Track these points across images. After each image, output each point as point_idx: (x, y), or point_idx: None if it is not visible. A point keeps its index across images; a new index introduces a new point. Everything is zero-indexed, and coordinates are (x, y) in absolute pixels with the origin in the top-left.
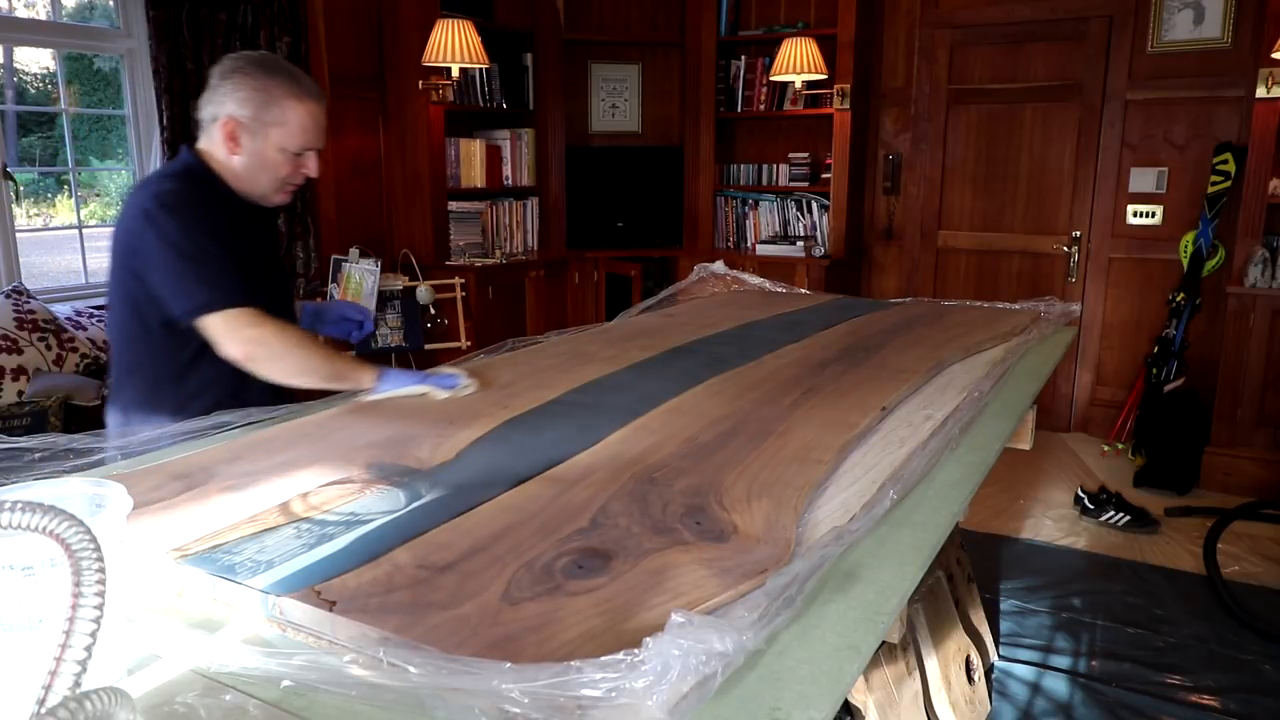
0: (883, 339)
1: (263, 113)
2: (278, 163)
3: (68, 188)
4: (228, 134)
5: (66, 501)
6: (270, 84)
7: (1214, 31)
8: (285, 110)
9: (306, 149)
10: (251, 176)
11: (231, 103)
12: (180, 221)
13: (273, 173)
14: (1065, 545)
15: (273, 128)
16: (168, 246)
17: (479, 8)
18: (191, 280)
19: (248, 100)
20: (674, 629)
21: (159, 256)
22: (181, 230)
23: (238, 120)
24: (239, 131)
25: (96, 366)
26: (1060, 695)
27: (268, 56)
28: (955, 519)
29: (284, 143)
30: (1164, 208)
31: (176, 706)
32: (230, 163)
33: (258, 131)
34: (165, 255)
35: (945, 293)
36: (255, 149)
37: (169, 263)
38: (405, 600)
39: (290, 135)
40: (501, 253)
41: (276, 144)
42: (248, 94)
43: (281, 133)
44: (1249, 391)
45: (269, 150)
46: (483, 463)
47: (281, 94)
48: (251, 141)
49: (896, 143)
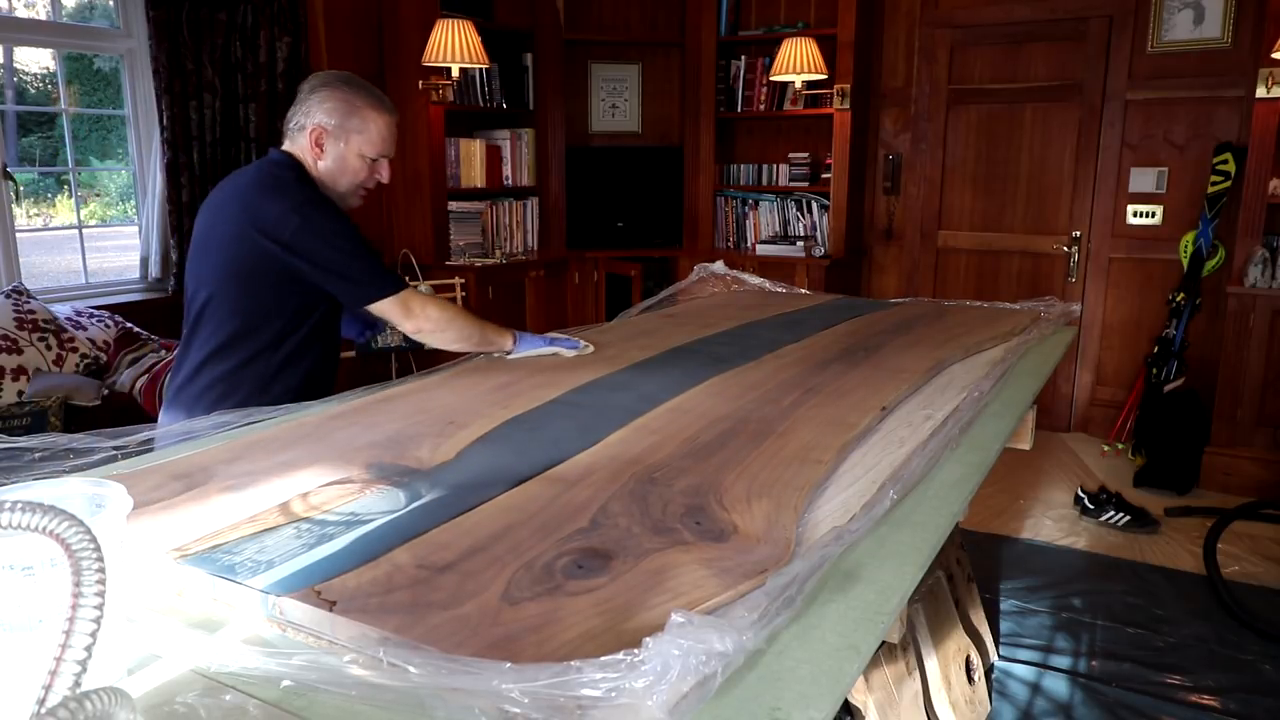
0: (883, 339)
1: (346, 121)
2: (356, 168)
3: (68, 188)
4: (314, 140)
5: (66, 501)
6: (353, 96)
7: (1214, 31)
8: (366, 120)
9: (382, 155)
10: (333, 179)
11: (320, 112)
12: (335, 225)
13: (352, 177)
14: (1065, 545)
15: (354, 134)
16: (334, 249)
17: (479, 8)
18: (363, 272)
19: (334, 110)
20: (674, 629)
21: (327, 258)
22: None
23: (324, 128)
24: (324, 138)
25: (96, 366)
26: (1060, 695)
27: (351, 75)
28: (955, 519)
29: (363, 149)
30: (1164, 208)
31: (176, 706)
32: (315, 167)
33: (340, 137)
34: (333, 257)
35: (945, 293)
36: (338, 154)
37: (338, 263)
38: (405, 600)
39: (369, 142)
40: (501, 253)
41: (356, 149)
42: (334, 105)
43: (361, 139)
44: (1249, 391)
45: (350, 155)
46: (483, 463)
47: (363, 105)
48: (334, 147)
49: (896, 143)
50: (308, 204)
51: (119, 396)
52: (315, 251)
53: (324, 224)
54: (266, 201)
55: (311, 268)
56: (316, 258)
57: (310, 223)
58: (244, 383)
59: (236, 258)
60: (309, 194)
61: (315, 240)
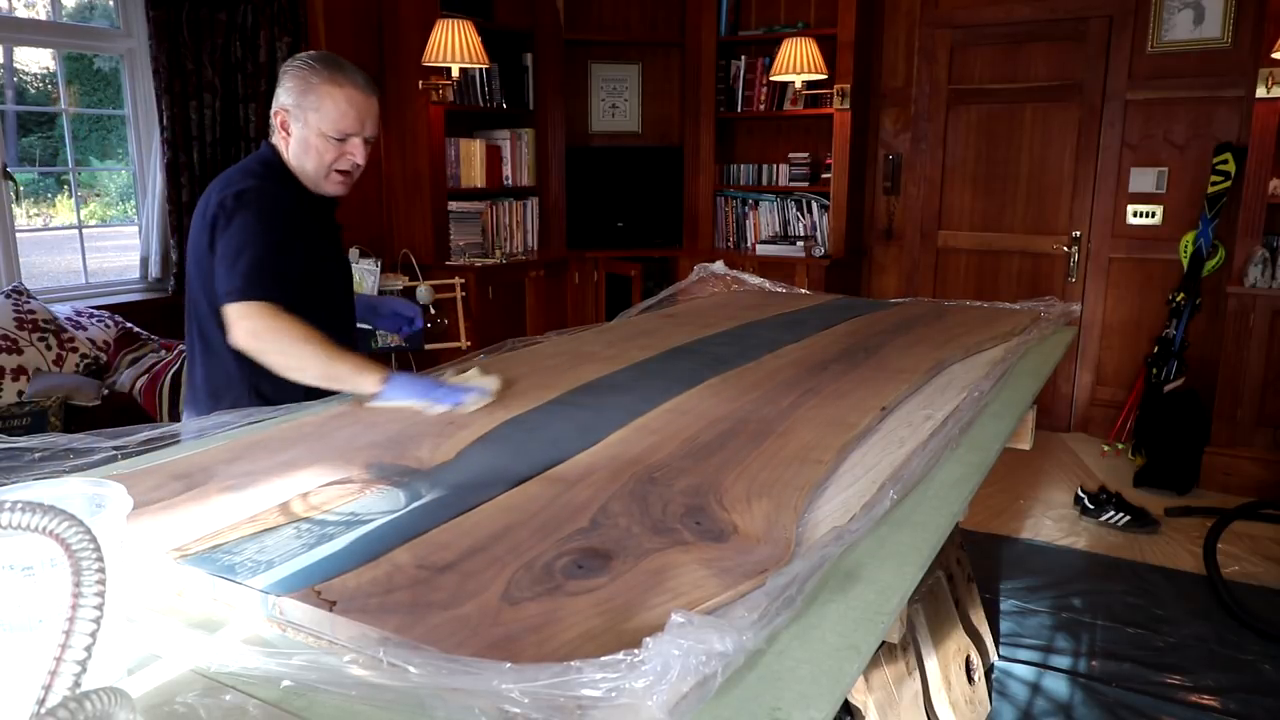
0: (883, 339)
1: (302, 99)
2: (320, 148)
3: (68, 188)
4: (280, 123)
5: (66, 501)
6: (310, 74)
7: (1214, 31)
8: (321, 97)
9: (346, 134)
10: (300, 162)
11: (282, 94)
12: (240, 219)
13: (316, 158)
14: (1065, 545)
15: (310, 113)
16: (227, 240)
17: (479, 8)
18: (226, 270)
19: (292, 90)
20: (674, 629)
21: (221, 247)
22: (238, 226)
23: (285, 109)
24: (288, 120)
25: (96, 366)
26: (1060, 695)
27: (320, 53)
28: (955, 519)
29: (322, 127)
30: (1164, 208)
31: (176, 706)
32: (287, 154)
33: (299, 118)
34: (220, 247)
35: (945, 293)
36: (300, 135)
37: (222, 253)
38: (405, 600)
39: (327, 120)
40: (501, 253)
41: (315, 129)
42: (292, 84)
43: (318, 117)
44: (1249, 391)
45: (310, 135)
46: (483, 463)
47: (319, 82)
48: (296, 128)
49: (896, 143)
50: (245, 192)
51: (119, 396)
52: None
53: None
54: (218, 189)
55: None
56: (215, 246)
57: (233, 210)
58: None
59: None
60: (254, 183)
61: (225, 228)
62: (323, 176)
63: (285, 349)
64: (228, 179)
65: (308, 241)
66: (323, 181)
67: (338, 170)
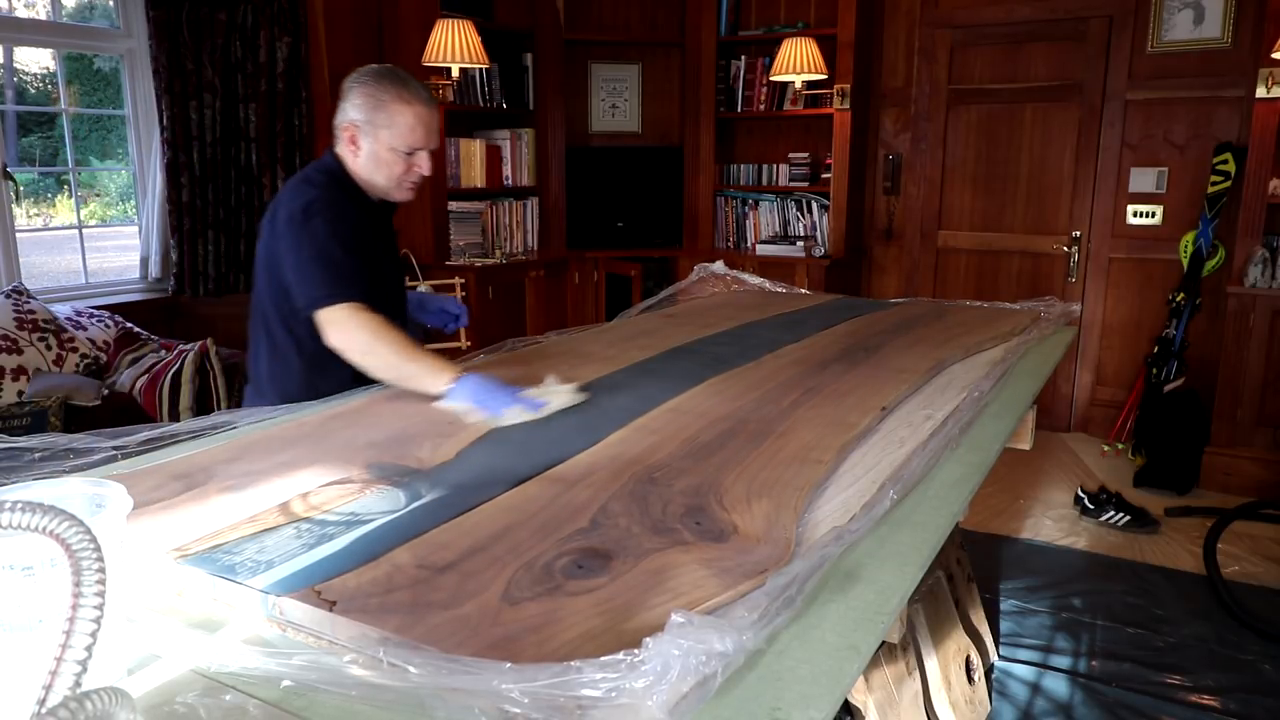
0: (883, 339)
1: (373, 116)
2: (390, 162)
3: (68, 188)
4: (348, 138)
5: (66, 501)
6: (380, 91)
7: (1214, 31)
8: (392, 114)
9: (415, 148)
10: (370, 175)
11: (351, 110)
12: (313, 229)
13: (387, 171)
14: (1065, 545)
15: (382, 130)
16: (299, 250)
17: (479, 8)
18: (311, 279)
19: (362, 106)
20: (674, 629)
21: (293, 257)
22: (313, 236)
23: (355, 124)
24: (357, 135)
25: (96, 366)
26: (1060, 695)
27: (386, 68)
28: (955, 519)
29: (393, 142)
30: (1164, 208)
31: (176, 706)
32: (354, 165)
33: (370, 134)
34: (297, 257)
35: (945, 293)
36: (370, 150)
37: (299, 263)
38: (405, 600)
39: (398, 136)
40: (501, 253)
41: (386, 144)
42: (362, 101)
43: (389, 134)
44: (1249, 391)
45: (381, 150)
46: (483, 463)
47: (389, 99)
48: (366, 143)
49: (896, 143)
50: (314, 203)
51: (119, 396)
52: (288, 248)
53: (303, 225)
54: (287, 200)
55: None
56: (287, 254)
57: (303, 222)
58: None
59: (269, 252)
60: (322, 194)
61: (293, 238)
62: (393, 187)
63: (375, 349)
64: (294, 189)
65: (370, 246)
66: (393, 191)
67: (408, 181)
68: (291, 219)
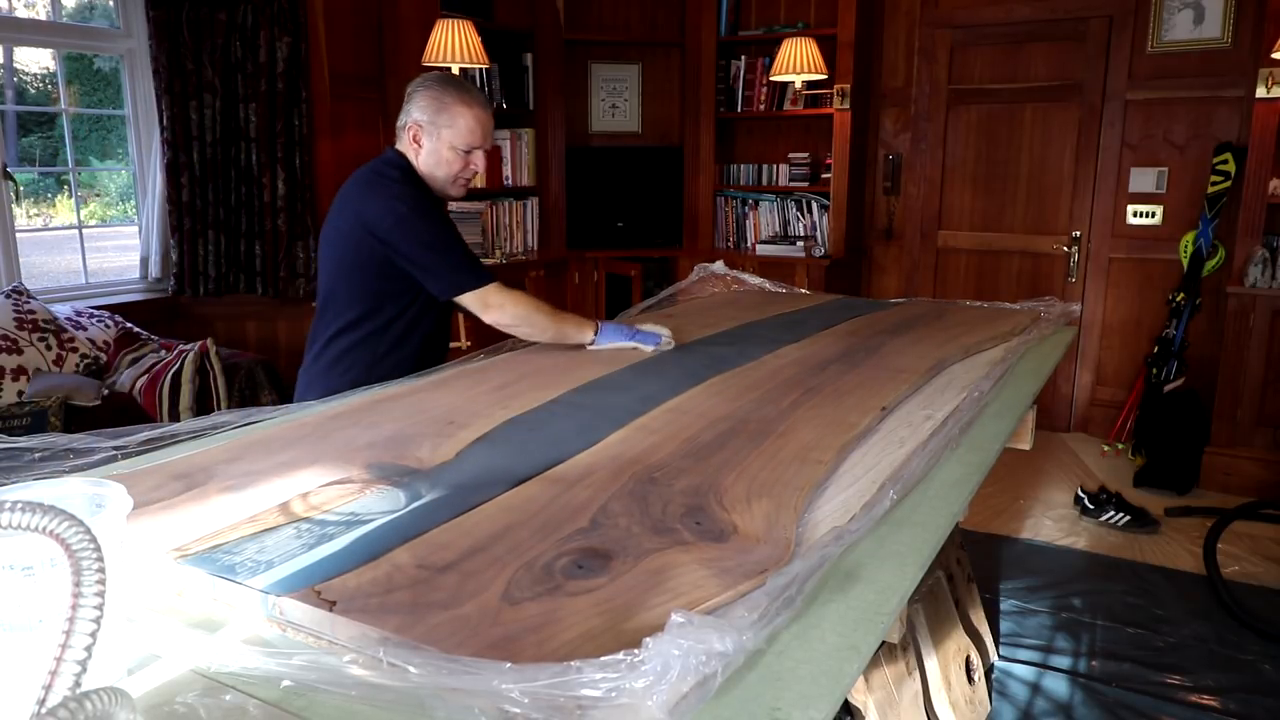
0: (883, 339)
1: (436, 117)
2: (450, 160)
3: (68, 188)
4: (412, 136)
5: (66, 501)
6: (443, 94)
7: (1214, 31)
8: (454, 115)
9: (473, 148)
10: (431, 172)
11: (415, 110)
12: (426, 221)
13: (447, 168)
14: (1065, 545)
15: (444, 129)
16: (422, 245)
17: (479, 8)
18: (447, 268)
19: (426, 108)
20: (674, 629)
21: (416, 253)
22: (429, 229)
23: (419, 124)
24: (420, 134)
25: (96, 366)
26: (1060, 695)
27: (447, 74)
28: (955, 519)
29: (454, 141)
30: (1164, 208)
31: (176, 706)
32: (417, 163)
33: (433, 133)
34: (421, 252)
35: (945, 293)
36: (432, 148)
37: (425, 257)
38: (405, 600)
39: (458, 135)
40: (501, 253)
41: (448, 143)
42: (427, 103)
43: (451, 133)
44: (1249, 391)
45: (442, 149)
46: (483, 463)
47: (451, 101)
48: (429, 142)
49: (896, 143)
50: (405, 199)
51: (119, 396)
52: (408, 244)
53: (417, 219)
54: (370, 198)
55: (405, 260)
56: (409, 250)
57: (406, 218)
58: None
59: (348, 250)
60: (408, 190)
61: (409, 234)
62: (450, 183)
63: (525, 320)
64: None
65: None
66: (449, 187)
67: (463, 178)
68: (396, 216)
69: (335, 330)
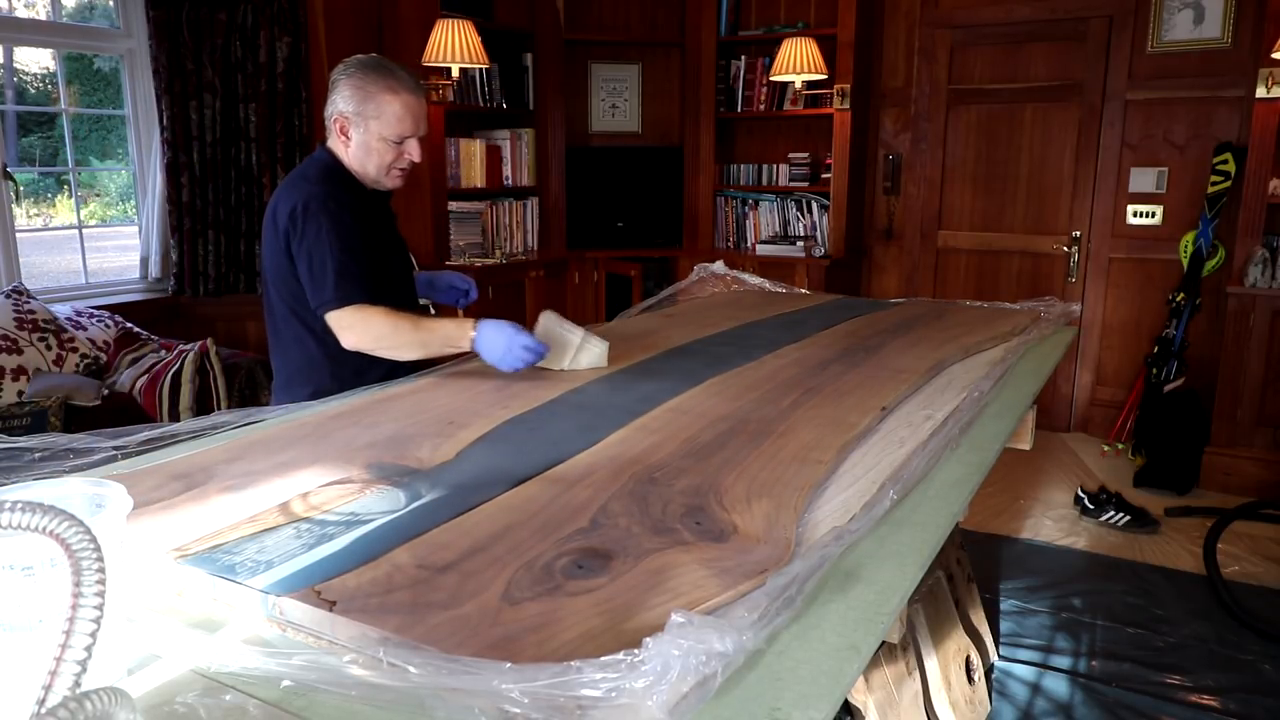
0: (883, 339)
1: (362, 107)
2: (381, 150)
3: (68, 188)
4: (339, 129)
5: (66, 501)
6: (367, 82)
7: (1214, 31)
8: (381, 104)
9: (404, 137)
10: (361, 165)
11: (340, 101)
12: (317, 226)
13: (378, 159)
14: (1065, 545)
15: (371, 120)
16: (306, 251)
17: (479, 8)
18: (319, 280)
19: (351, 98)
20: (674, 629)
21: (303, 258)
22: (316, 235)
23: (345, 116)
24: (347, 126)
25: (96, 366)
26: (1060, 695)
27: (372, 57)
28: (955, 519)
29: (383, 132)
30: (1164, 208)
31: (176, 706)
32: (346, 156)
33: (360, 124)
34: (305, 258)
35: (945, 293)
36: (360, 140)
37: (308, 264)
38: (405, 600)
39: (387, 125)
40: (501, 253)
41: (376, 134)
42: (351, 92)
43: (379, 124)
44: (1249, 391)
45: (371, 140)
46: (483, 463)
47: (377, 90)
48: (357, 134)
49: (896, 143)
50: (312, 201)
51: (119, 396)
52: (297, 249)
53: (312, 224)
54: (285, 198)
55: (295, 263)
56: (297, 255)
57: (304, 221)
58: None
59: (274, 251)
60: (319, 190)
61: (301, 239)
62: (383, 175)
63: (386, 340)
64: (291, 186)
65: (372, 235)
66: (383, 179)
67: (397, 168)
68: (292, 217)
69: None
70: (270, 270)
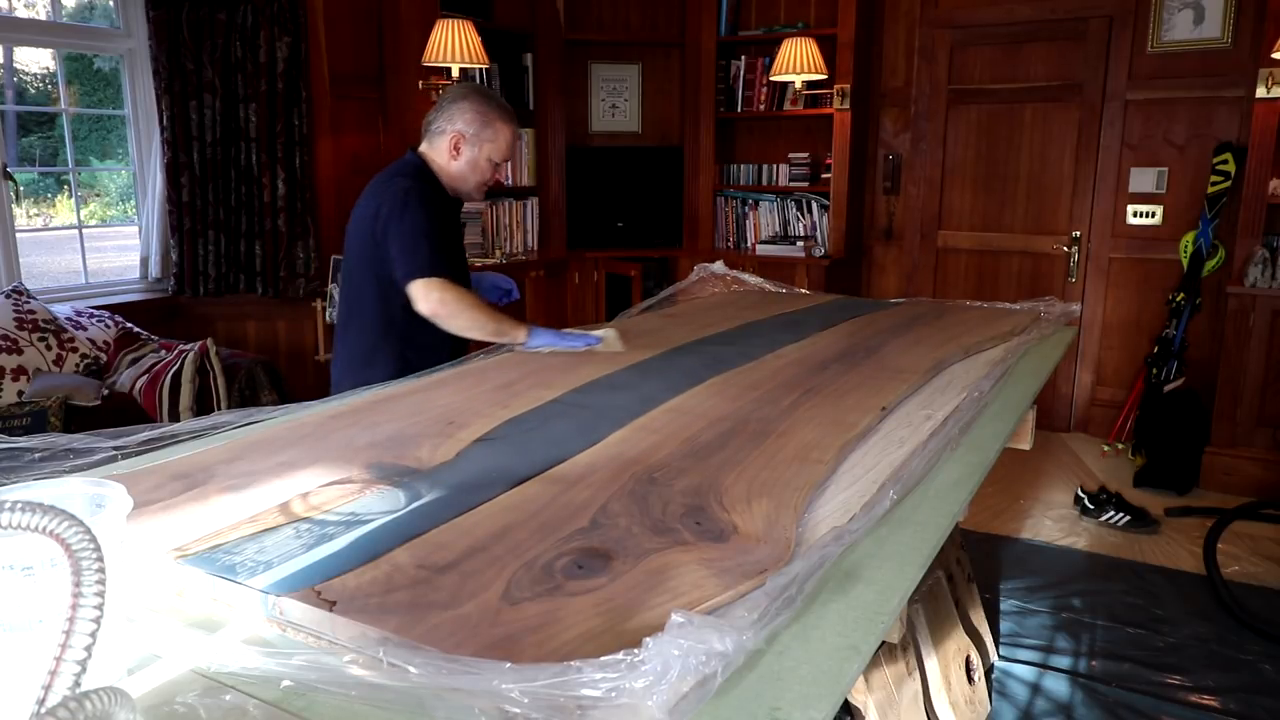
0: (883, 339)
1: (481, 130)
2: (485, 169)
3: (68, 188)
4: (453, 144)
5: (66, 501)
6: (488, 110)
7: (1214, 31)
8: (497, 131)
9: (505, 160)
10: (464, 178)
11: (460, 120)
12: (416, 214)
13: (479, 176)
14: (1065, 545)
15: (486, 143)
16: (404, 231)
17: (479, 8)
18: (411, 253)
19: (472, 121)
20: (674, 629)
21: (397, 237)
22: (414, 219)
23: (462, 134)
24: (461, 143)
25: (96, 367)
26: (1060, 695)
27: (485, 88)
28: (955, 519)
29: (493, 154)
30: (1164, 208)
31: (176, 706)
32: (449, 166)
33: (475, 144)
34: (401, 238)
35: (945, 293)
36: (471, 157)
37: (402, 242)
38: (405, 600)
39: (498, 149)
40: (501, 253)
41: (486, 155)
42: (472, 116)
43: (492, 147)
44: (1249, 391)
45: (480, 159)
46: (483, 463)
47: (495, 118)
48: (469, 151)
49: (896, 143)
50: (412, 192)
51: (119, 396)
52: (395, 230)
53: (405, 212)
54: (383, 188)
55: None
56: (392, 235)
57: (399, 209)
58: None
59: (363, 241)
60: (417, 185)
61: (394, 222)
62: (477, 188)
63: (463, 312)
64: (388, 179)
65: (450, 232)
66: (475, 191)
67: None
68: (395, 205)
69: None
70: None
